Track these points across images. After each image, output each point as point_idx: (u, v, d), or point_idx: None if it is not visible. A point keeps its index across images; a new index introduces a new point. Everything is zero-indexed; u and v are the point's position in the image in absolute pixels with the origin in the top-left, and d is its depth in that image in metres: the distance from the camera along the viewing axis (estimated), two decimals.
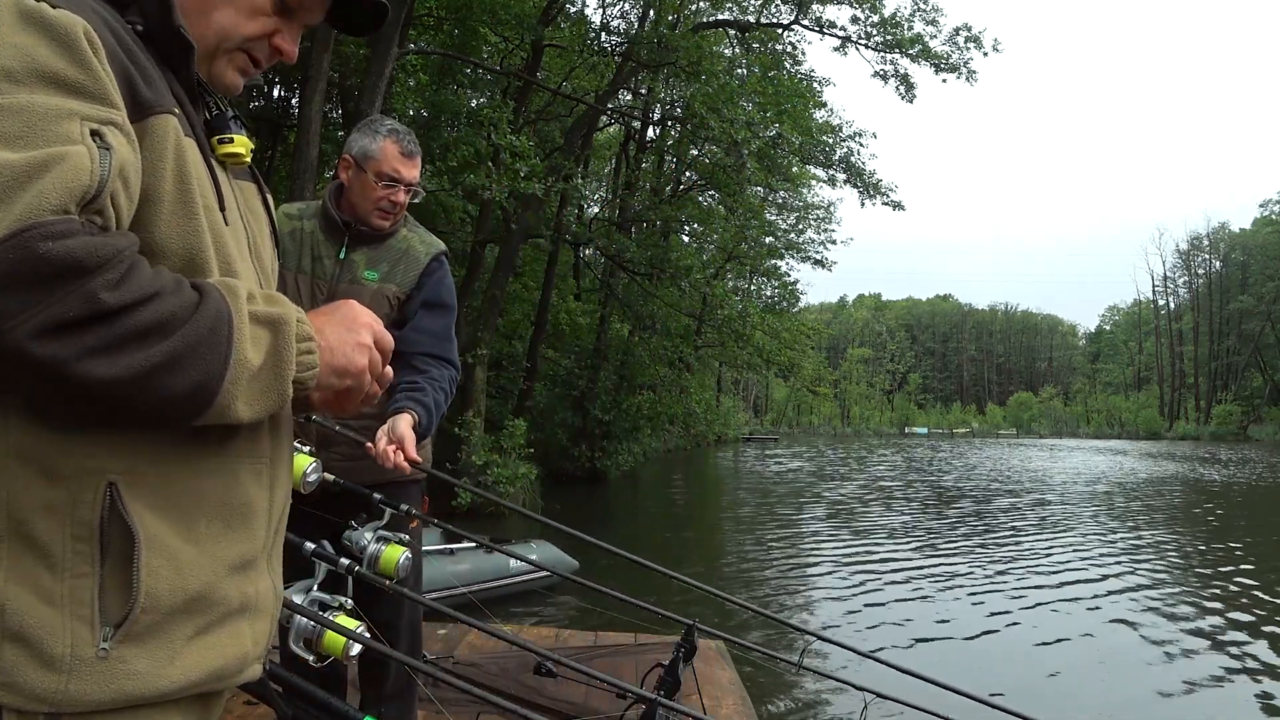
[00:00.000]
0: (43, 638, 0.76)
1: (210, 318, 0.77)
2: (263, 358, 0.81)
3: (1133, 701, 5.49)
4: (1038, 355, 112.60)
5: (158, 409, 0.76)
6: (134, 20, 0.88)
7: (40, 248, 0.68)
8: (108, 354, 0.71)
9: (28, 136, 0.71)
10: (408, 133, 2.27)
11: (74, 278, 0.69)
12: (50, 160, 0.70)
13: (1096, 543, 11.68)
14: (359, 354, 0.92)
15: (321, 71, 9.29)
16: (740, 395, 74.09)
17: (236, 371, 0.78)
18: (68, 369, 0.70)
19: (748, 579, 9.22)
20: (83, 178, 0.72)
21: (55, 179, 0.70)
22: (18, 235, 0.67)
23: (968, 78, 17.66)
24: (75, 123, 0.74)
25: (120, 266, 0.72)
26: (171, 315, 0.74)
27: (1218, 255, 78.54)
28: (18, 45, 0.74)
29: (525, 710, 2.07)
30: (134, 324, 0.72)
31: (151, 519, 0.81)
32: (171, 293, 0.75)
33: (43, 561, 0.77)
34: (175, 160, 0.85)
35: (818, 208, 31.26)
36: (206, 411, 0.78)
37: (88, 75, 0.77)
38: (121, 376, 0.72)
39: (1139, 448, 49.88)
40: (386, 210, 2.25)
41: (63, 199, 0.70)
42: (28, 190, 0.69)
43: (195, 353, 0.75)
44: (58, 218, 0.69)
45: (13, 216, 0.68)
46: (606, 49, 16.64)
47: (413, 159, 2.26)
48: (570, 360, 20.32)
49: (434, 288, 2.32)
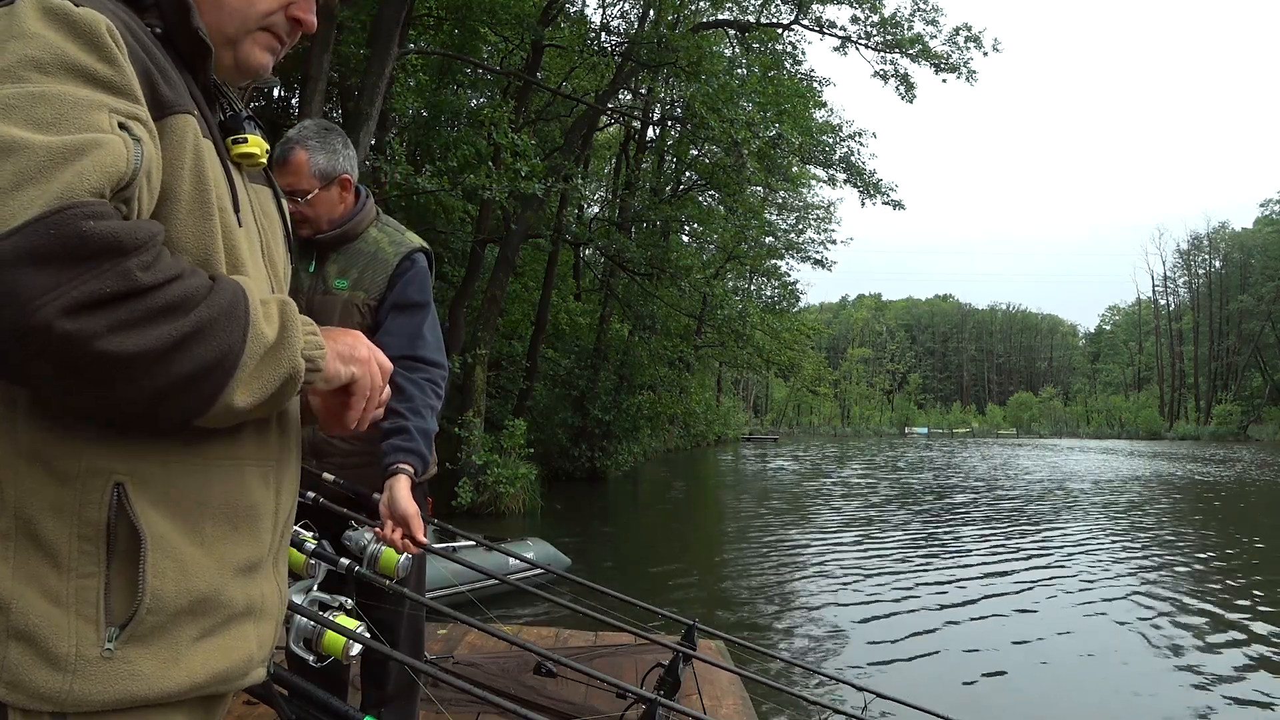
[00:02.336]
0: (48, 637, 0.76)
1: (228, 297, 0.78)
2: (275, 334, 0.82)
3: (1132, 702, 5.49)
4: (1038, 355, 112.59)
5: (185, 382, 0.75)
6: (153, 23, 0.89)
7: (84, 226, 0.68)
8: (138, 328, 0.71)
9: (59, 123, 0.71)
10: (287, 137, 2.14)
11: (112, 257, 0.70)
12: (86, 145, 0.71)
13: (1097, 543, 11.67)
14: (360, 345, 0.94)
15: (321, 71, 9.28)
16: (740, 395, 74.10)
17: (253, 346, 0.79)
18: (96, 344, 0.69)
19: (748, 578, 9.22)
20: (120, 164, 0.73)
21: (94, 162, 0.71)
22: (60, 212, 0.68)
23: (968, 78, 17.68)
24: (104, 113, 0.74)
25: (154, 249, 0.74)
26: (194, 291, 0.76)
27: (1218, 255, 78.51)
28: (45, 38, 0.75)
29: (525, 710, 2.07)
30: (163, 299, 0.73)
31: (158, 520, 0.81)
32: (191, 273, 0.77)
33: (49, 561, 0.77)
34: (193, 160, 0.86)
35: (818, 208, 31.36)
36: (226, 385, 0.78)
37: (114, 70, 0.77)
38: (150, 349, 0.72)
39: (1139, 448, 49.90)
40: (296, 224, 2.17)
41: (101, 182, 0.71)
42: (66, 170, 0.69)
43: (218, 323, 0.76)
44: (96, 200, 0.70)
45: (51, 194, 0.68)
46: (606, 49, 16.64)
47: (284, 165, 2.11)
48: (570, 360, 20.32)
49: (402, 289, 2.19)
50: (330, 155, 2.15)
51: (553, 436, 18.28)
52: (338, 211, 2.19)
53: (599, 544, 11.22)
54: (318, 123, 2.20)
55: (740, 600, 8.20)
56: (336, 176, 2.16)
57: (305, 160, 2.12)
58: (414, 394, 2.10)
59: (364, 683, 2.37)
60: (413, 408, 2.09)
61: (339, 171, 2.16)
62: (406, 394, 2.09)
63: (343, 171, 2.17)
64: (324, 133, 2.17)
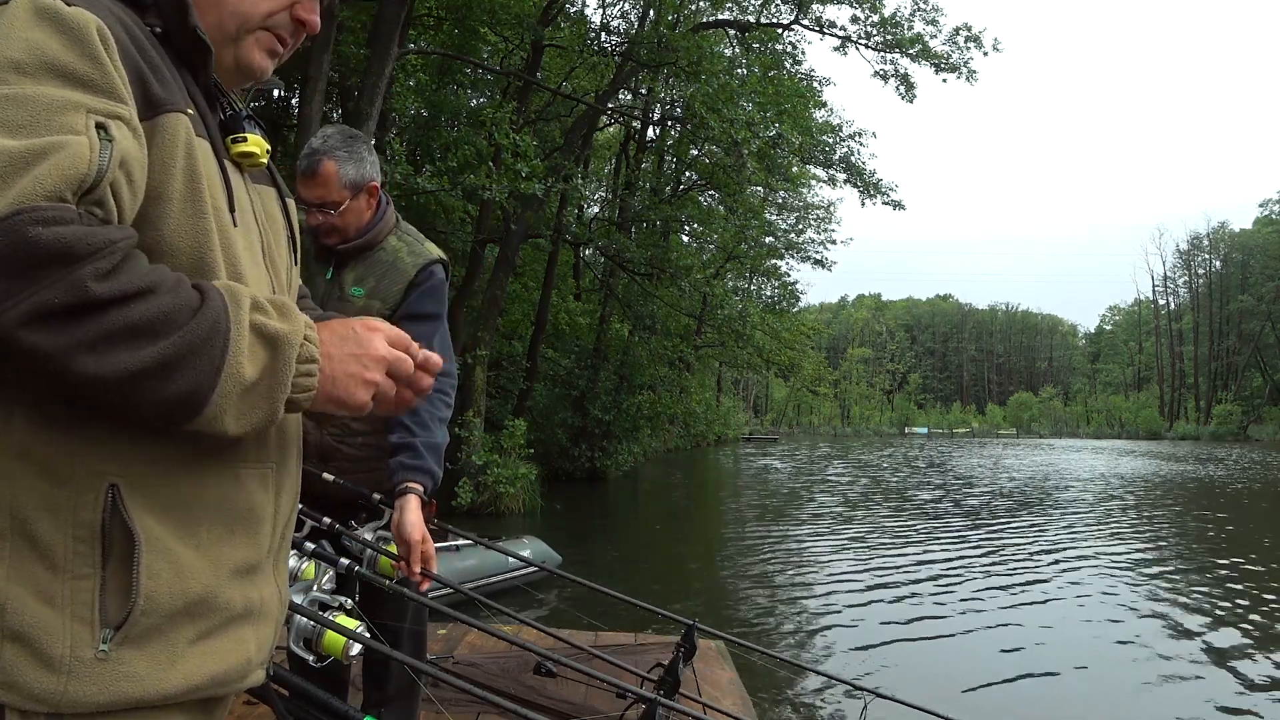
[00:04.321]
0: (42, 638, 0.76)
1: (207, 325, 0.75)
2: (258, 374, 0.79)
3: (1133, 702, 5.49)
4: (1038, 355, 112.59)
5: (142, 412, 0.75)
6: (153, 23, 0.88)
7: (30, 232, 0.67)
8: (94, 350, 0.70)
9: (30, 125, 0.71)
10: (310, 151, 2.08)
11: (62, 264, 0.68)
12: (49, 148, 0.70)
13: (1098, 543, 11.67)
14: (361, 390, 0.88)
15: (321, 71, 9.28)
16: (740, 395, 74.08)
17: (227, 385, 0.76)
18: (54, 361, 0.69)
19: (748, 578, 9.22)
20: (80, 166, 0.71)
21: (52, 166, 0.70)
22: (9, 219, 0.67)
23: (968, 77, 17.69)
24: (80, 114, 0.73)
25: (112, 257, 0.71)
26: (164, 315, 0.73)
27: (1218, 255, 78.54)
28: (29, 39, 0.74)
29: (525, 710, 2.07)
30: (124, 320, 0.71)
31: (152, 522, 0.81)
32: (168, 291, 0.74)
33: (44, 562, 0.77)
34: (186, 159, 0.85)
35: (817, 208, 31.36)
36: (193, 421, 0.77)
37: (96, 69, 0.76)
38: (108, 375, 0.71)
39: (1139, 448, 49.89)
40: (321, 237, 2.15)
41: (58, 186, 0.70)
42: (24, 176, 0.68)
43: (185, 361, 0.74)
44: (50, 204, 0.69)
45: (5, 201, 0.67)
46: (606, 49, 16.65)
47: (313, 177, 2.07)
48: (570, 360, 20.32)
49: (418, 300, 2.18)
50: (358, 164, 2.12)
51: (553, 436, 18.28)
52: (365, 219, 2.18)
53: (599, 544, 11.22)
54: (341, 130, 2.16)
55: (740, 600, 8.20)
56: (365, 185, 2.14)
57: (335, 171, 2.09)
58: (421, 407, 2.07)
59: (365, 683, 2.37)
60: (420, 421, 2.08)
61: (367, 180, 2.14)
62: (413, 448, 2.07)
63: (370, 179, 2.15)
64: (350, 141, 2.13)
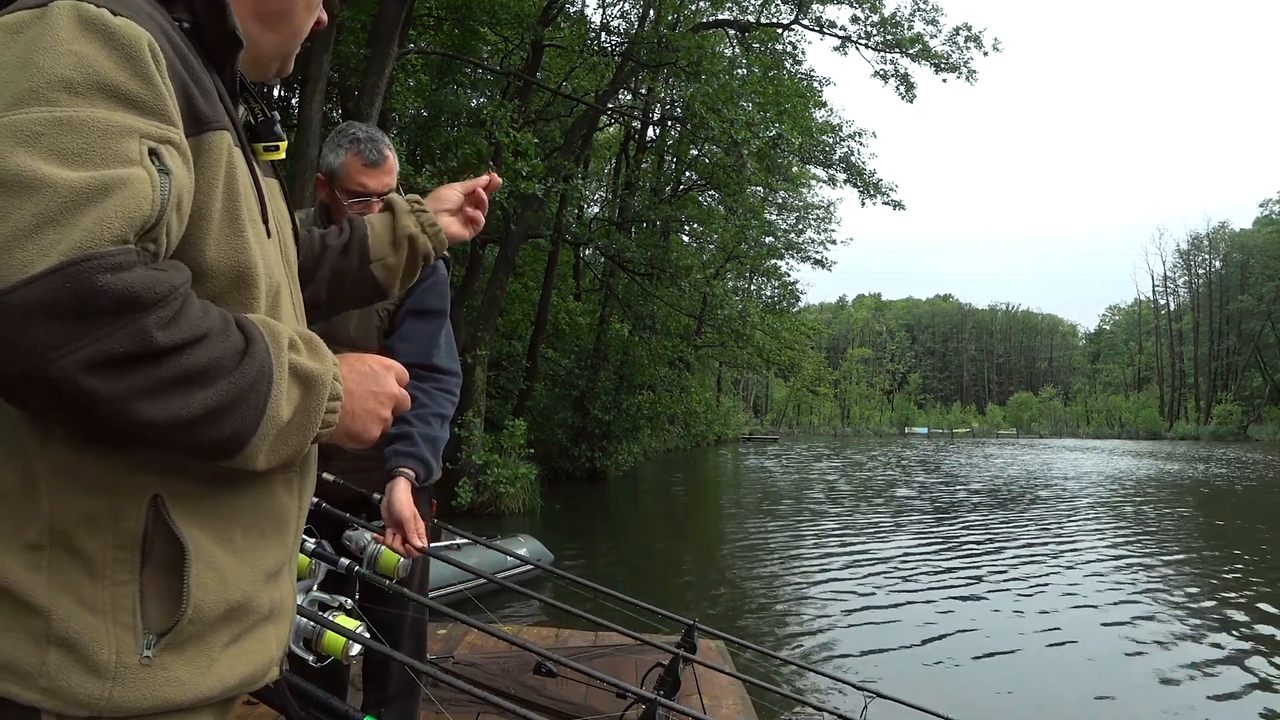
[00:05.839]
0: (89, 644, 0.76)
1: (254, 371, 0.76)
2: (292, 414, 0.81)
3: (1133, 702, 5.50)
4: (1038, 355, 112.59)
5: (184, 451, 0.76)
6: (181, 17, 0.86)
7: (99, 280, 0.65)
8: (150, 397, 0.69)
9: (86, 154, 0.68)
10: (371, 139, 2.14)
11: (129, 314, 0.67)
12: (111, 184, 0.68)
13: (1098, 543, 11.67)
14: (376, 426, 0.93)
15: (321, 71, 9.28)
16: (740, 395, 74.09)
17: (267, 428, 0.78)
18: (108, 406, 0.68)
19: (748, 578, 9.23)
20: (144, 206, 0.70)
21: (117, 206, 0.68)
22: (77, 264, 0.65)
23: (968, 77, 17.70)
24: (135, 141, 0.71)
25: (175, 304, 0.71)
26: (215, 362, 0.73)
27: (1218, 255, 78.50)
28: (78, 54, 0.71)
29: (525, 710, 2.07)
30: (180, 367, 0.70)
31: (197, 531, 0.82)
32: (219, 335, 0.74)
33: (84, 569, 0.77)
34: (227, 176, 0.84)
35: (817, 208, 31.35)
36: (230, 460, 0.78)
37: (149, 90, 0.74)
38: (160, 422, 0.70)
39: (1140, 448, 49.90)
40: None
41: (124, 230, 0.68)
42: (87, 215, 0.66)
43: (234, 407, 0.75)
44: (117, 248, 0.67)
45: (70, 242, 0.65)
46: (606, 49, 16.66)
47: (378, 166, 2.13)
48: (570, 360, 20.33)
49: (421, 295, 2.21)
50: (396, 155, 2.23)
51: (553, 436, 18.28)
52: None
53: (599, 544, 11.22)
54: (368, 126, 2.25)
55: (740, 600, 8.20)
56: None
57: (394, 161, 2.19)
58: (424, 402, 2.13)
59: (365, 683, 2.38)
60: (421, 415, 2.12)
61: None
62: (417, 402, 2.10)
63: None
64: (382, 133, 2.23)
